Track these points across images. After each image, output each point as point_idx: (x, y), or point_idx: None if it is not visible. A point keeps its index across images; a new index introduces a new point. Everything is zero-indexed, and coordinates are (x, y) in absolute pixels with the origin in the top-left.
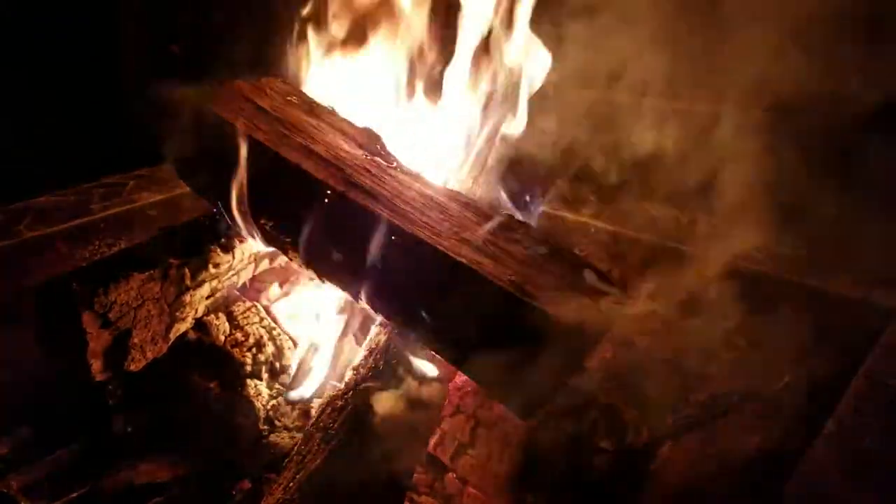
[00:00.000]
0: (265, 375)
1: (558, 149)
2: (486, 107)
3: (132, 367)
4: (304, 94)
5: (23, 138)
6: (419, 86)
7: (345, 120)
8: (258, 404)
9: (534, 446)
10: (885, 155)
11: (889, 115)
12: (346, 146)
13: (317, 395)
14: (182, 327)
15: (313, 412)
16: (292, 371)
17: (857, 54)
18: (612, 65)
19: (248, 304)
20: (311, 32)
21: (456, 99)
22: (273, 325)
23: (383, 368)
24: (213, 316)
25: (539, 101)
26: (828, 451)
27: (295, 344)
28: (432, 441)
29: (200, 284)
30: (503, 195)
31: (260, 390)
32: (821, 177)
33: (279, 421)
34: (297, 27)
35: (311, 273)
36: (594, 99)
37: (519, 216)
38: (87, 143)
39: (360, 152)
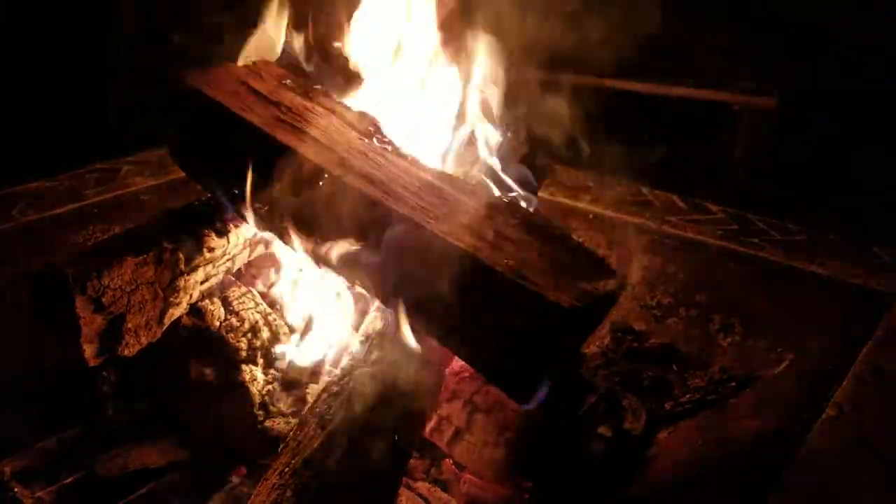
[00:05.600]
0: (260, 361)
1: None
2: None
3: (126, 353)
4: (299, 77)
5: (16, 123)
6: (413, 69)
7: (340, 103)
8: (253, 390)
9: (531, 432)
10: None
11: None
12: (341, 129)
13: (312, 380)
14: (176, 312)
15: (309, 398)
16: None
17: None
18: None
19: (244, 289)
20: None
21: (450, 82)
22: (268, 310)
23: (379, 354)
24: (207, 301)
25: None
26: (827, 437)
27: (291, 330)
28: (429, 426)
29: (195, 269)
30: (500, 179)
31: (255, 376)
32: None
33: (274, 406)
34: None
35: (306, 258)
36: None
37: (516, 201)
38: (80, 127)
39: (355, 136)
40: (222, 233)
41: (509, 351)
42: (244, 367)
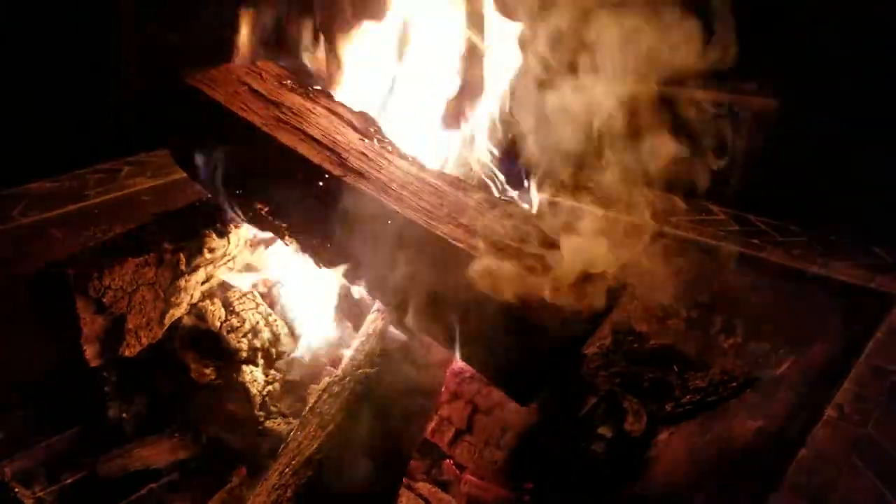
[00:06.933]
0: (261, 361)
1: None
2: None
3: (127, 353)
4: (299, 77)
5: (17, 124)
6: (413, 71)
7: (340, 103)
8: (254, 390)
9: (532, 432)
10: None
11: None
12: (342, 130)
13: (313, 380)
14: (177, 313)
15: (309, 398)
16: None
17: None
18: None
19: (244, 289)
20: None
21: (450, 83)
22: (269, 311)
23: (380, 354)
24: (208, 301)
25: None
26: (828, 438)
27: (291, 330)
28: (430, 427)
29: (195, 270)
30: (501, 180)
31: (255, 376)
32: None
33: (275, 407)
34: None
35: (307, 258)
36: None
37: (518, 201)
38: (81, 128)
39: (356, 136)
40: (223, 233)
41: (510, 352)
42: (244, 367)
